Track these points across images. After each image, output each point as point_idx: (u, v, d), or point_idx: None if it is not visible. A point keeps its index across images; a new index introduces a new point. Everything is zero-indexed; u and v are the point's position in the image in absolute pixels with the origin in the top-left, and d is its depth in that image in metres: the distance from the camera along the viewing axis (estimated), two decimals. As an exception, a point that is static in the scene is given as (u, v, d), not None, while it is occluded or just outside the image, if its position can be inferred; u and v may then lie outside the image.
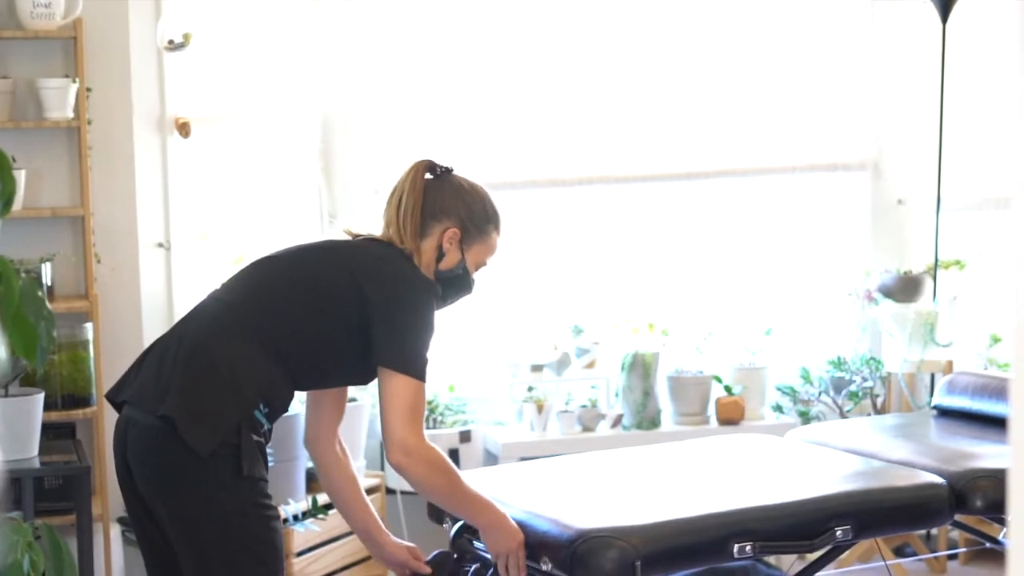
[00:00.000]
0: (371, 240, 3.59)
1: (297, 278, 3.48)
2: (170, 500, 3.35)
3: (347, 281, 3.45)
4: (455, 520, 3.75)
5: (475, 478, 4.05)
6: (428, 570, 3.70)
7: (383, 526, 3.81)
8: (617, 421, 5.79)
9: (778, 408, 6.04)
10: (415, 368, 3.39)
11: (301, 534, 5.13)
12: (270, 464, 4.96)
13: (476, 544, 3.68)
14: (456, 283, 3.60)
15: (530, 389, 5.79)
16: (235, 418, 3.32)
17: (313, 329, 3.44)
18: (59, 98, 4.90)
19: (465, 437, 5.64)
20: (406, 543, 3.80)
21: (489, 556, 3.62)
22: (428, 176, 3.62)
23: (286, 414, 5.12)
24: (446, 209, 3.58)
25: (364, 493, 3.82)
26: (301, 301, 3.44)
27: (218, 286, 3.57)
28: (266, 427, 3.42)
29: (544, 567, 3.53)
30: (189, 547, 3.36)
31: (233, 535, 3.35)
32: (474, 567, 3.80)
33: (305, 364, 3.47)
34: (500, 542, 3.53)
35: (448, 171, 3.67)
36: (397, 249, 3.53)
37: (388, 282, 3.45)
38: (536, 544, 3.55)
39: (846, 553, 5.43)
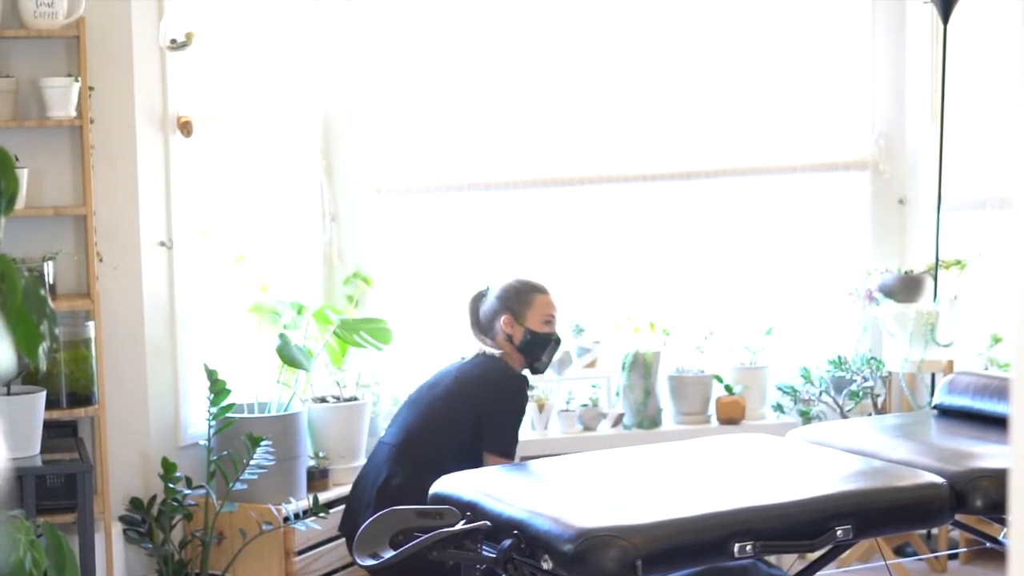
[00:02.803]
0: (476, 359, 4.94)
1: (435, 424, 4.79)
2: None
3: (459, 396, 4.82)
4: None
5: (475, 478, 4.06)
6: None
7: None
8: (618, 420, 5.79)
9: (779, 408, 6.05)
10: (507, 451, 4.77)
11: (302, 533, 5.14)
12: (271, 463, 5.00)
13: (485, 548, 3.68)
14: (535, 345, 4.96)
15: (531, 388, 5.80)
16: None
17: (460, 453, 4.67)
18: (62, 97, 4.90)
19: (466, 436, 5.64)
20: None
21: (494, 556, 3.63)
22: (478, 303, 5.00)
23: (286, 412, 5.16)
24: (495, 310, 4.97)
25: None
26: (446, 440, 4.74)
27: (384, 434, 4.98)
28: None
29: (545, 566, 3.54)
30: None
31: None
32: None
33: (452, 459, 4.61)
34: None
35: (487, 290, 5.03)
36: (490, 357, 4.91)
37: (489, 383, 4.83)
38: (537, 543, 3.56)
39: (846, 553, 5.44)
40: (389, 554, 3.66)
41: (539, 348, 4.97)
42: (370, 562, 3.64)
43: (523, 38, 5.90)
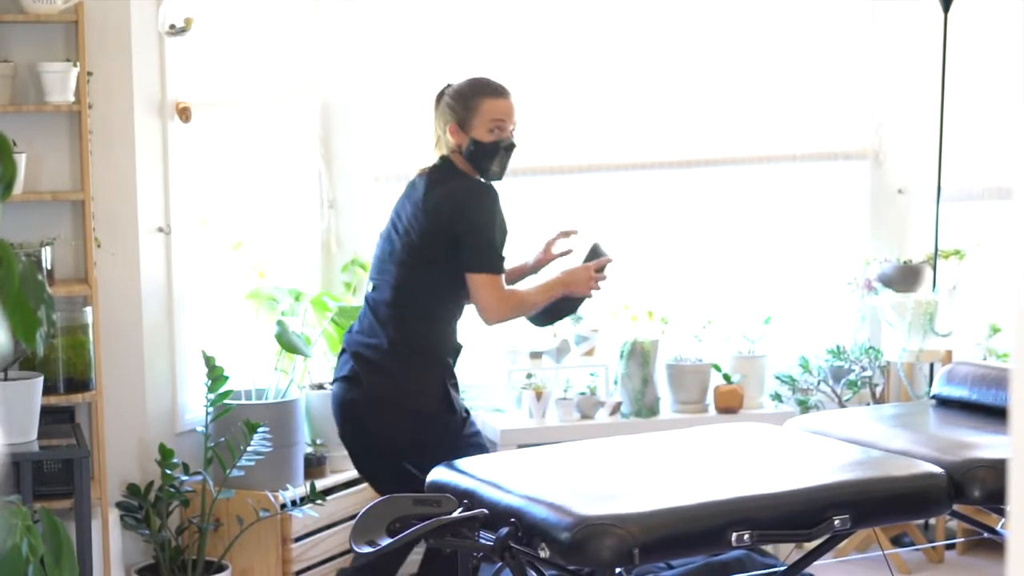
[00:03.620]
0: (431, 171, 4.53)
1: (400, 254, 4.48)
2: (395, 449, 4.51)
3: (432, 228, 4.41)
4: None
5: (475, 465, 4.05)
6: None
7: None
8: (616, 409, 5.79)
9: (777, 397, 6.05)
10: (492, 265, 4.42)
11: (299, 519, 5.14)
12: (268, 450, 4.99)
13: (482, 536, 3.68)
14: (480, 154, 4.48)
15: (529, 376, 5.79)
16: (443, 386, 4.46)
17: (433, 278, 4.46)
18: (60, 82, 4.89)
19: (464, 424, 5.63)
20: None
21: (491, 544, 3.63)
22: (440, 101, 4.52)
23: (283, 399, 5.16)
24: (443, 114, 4.50)
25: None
26: (411, 267, 4.46)
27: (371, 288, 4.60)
28: (454, 368, 4.56)
29: (542, 554, 3.54)
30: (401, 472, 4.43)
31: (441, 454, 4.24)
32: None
33: (454, 306, 4.51)
34: (579, 287, 4.60)
35: (448, 86, 4.54)
36: (445, 166, 4.50)
37: (452, 203, 4.42)
38: (534, 531, 3.56)
39: (844, 542, 5.44)
40: (386, 542, 3.66)
41: (486, 158, 4.48)
42: (367, 550, 3.63)
43: (522, 26, 5.89)
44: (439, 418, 4.45)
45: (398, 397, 4.45)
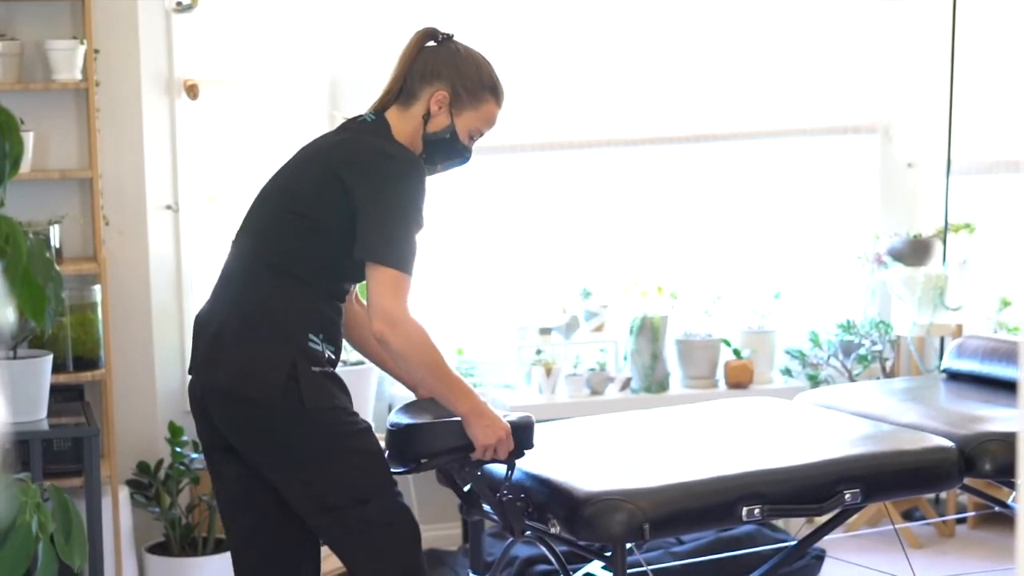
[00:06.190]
0: (348, 122, 3.60)
1: (283, 202, 3.47)
2: (260, 453, 3.40)
3: (327, 179, 3.42)
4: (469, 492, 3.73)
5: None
6: None
7: None
8: (625, 384, 5.78)
9: (787, 371, 6.04)
10: (397, 258, 3.34)
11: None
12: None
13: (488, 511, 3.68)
14: (444, 148, 3.54)
15: (538, 352, 5.79)
16: (288, 359, 3.31)
17: (316, 243, 3.40)
18: (67, 60, 4.88)
19: (473, 400, 5.63)
20: None
21: (496, 519, 3.63)
22: (429, 44, 3.58)
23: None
24: (437, 72, 3.52)
25: None
26: (293, 223, 3.41)
27: (234, 235, 3.56)
28: (329, 354, 3.40)
29: (552, 529, 3.54)
30: (291, 488, 3.40)
31: (320, 462, 3.36)
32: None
33: (326, 278, 3.43)
34: (486, 432, 3.47)
35: (448, 37, 3.61)
36: (372, 123, 3.52)
37: (365, 163, 3.41)
38: (544, 506, 3.55)
39: (854, 517, 5.43)
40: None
41: (443, 154, 3.56)
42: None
43: (531, 1, 5.86)
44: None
45: None
